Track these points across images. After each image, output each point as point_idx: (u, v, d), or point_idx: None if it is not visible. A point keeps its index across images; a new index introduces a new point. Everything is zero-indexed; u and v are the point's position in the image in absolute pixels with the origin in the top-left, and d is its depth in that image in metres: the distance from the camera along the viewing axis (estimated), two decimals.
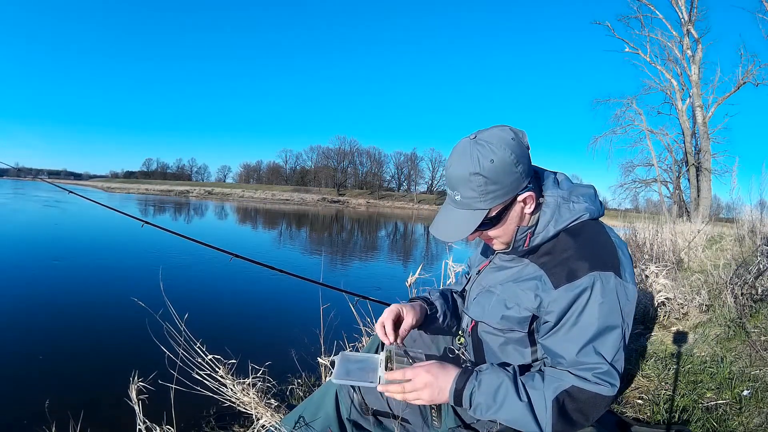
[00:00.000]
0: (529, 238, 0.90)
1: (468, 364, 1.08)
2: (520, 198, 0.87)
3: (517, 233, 0.90)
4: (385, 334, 1.00)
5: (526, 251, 0.92)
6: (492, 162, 0.82)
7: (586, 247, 0.85)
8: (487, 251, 1.11)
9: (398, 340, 1.01)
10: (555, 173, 0.96)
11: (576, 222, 0.89)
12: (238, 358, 1.67)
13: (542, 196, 0.91)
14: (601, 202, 0.94)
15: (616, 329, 0.81)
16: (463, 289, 1.18)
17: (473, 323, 1.01)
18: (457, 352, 1.12)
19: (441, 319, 1.13)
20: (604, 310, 0.81)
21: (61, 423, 1.62)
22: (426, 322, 1.10)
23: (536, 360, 0.93)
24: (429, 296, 1.18)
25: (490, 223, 0.88)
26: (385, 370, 0.97)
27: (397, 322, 1.04)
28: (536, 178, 0.93)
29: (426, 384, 0.85)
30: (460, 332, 1.12)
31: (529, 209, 0.89)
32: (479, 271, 1.08)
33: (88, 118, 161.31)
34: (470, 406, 0.83)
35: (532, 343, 0.92)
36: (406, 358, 1.03)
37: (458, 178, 0.85)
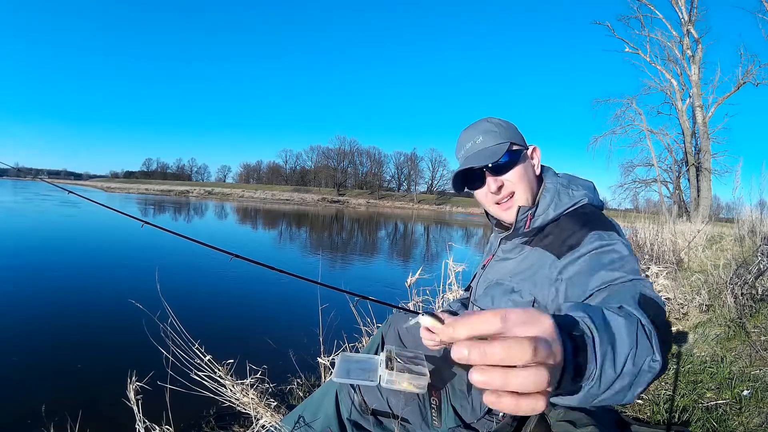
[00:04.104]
0: (530, 220, 0.94)
1: None
2: (528, 151, 0.98)
3: (519, 214, 0.93)
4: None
5: (527, 234, 0.95)
6: (500, 120, 1.00)
7: (585, 220, 0.88)
8: (491, 249, 1.14)
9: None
10: (555, 171, 1.03)
11: (575, 206, 0.92)
12: (238, 359, 1.66)
13: (543, 185, 0.96)
14: (600, 200, 0.96)
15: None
16: (469, 286, 1.20)
17: None
18: None
19: None
20: (623, 250, 0.78)
21: (60, 423, 1.61)
22: None
23: None
24: (450, 308, 1.26)
25: (512, 156, 0.94)
26: (386, 369, 0.97)
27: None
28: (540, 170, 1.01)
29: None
30: None
31: (537, 162, 0.99)
32: (484, 265, 1.10)
33: (89, 117, 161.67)
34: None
35: None
36: (406, 358, 1.03)
37: (478, 129, 0.98)
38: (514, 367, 0.34)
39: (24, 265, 5.61)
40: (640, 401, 1.69)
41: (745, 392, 1.60)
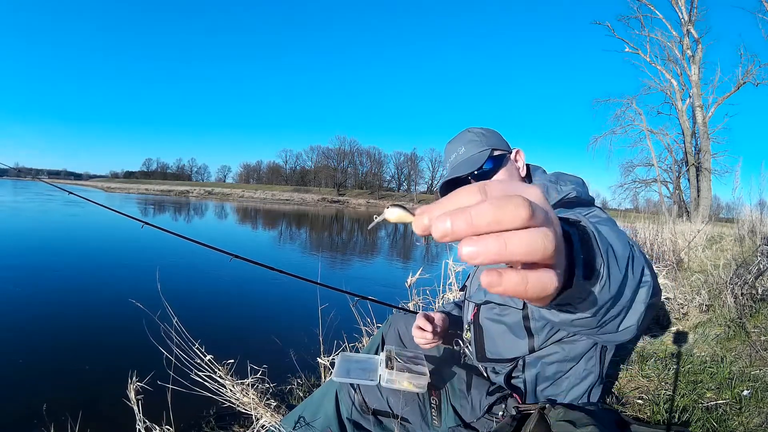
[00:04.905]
0: None
1: (468, 358, 1.12)
2: (511, 155, 1.03)
3: None
4: (424, 329, 1.09)
5: None
6: (482, 128, 1.05)
7: (571, 206, 0.89)
8: None
9: (437, 326, 1.11)
10: (544, 170, 1.07)
11: (563, 199, 0.92)
12: (238, 359, 1.66)
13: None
14: (590, 195, 0.97)
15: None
16: (464, 286, 1.22)
17: (475, 310, 1.04)
18: (462, 346, 1.14)
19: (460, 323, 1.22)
20: (602, 214, 0.77)
21: (61, 423, 1.61)
22: (451, 328, 1.20)
23: (532, 350, 0.95)
24: (444, 308, 1.28)
25: (495, 162, 0.98)
26: (386, 369, 0.97)
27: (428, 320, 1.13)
28: (528, 171, 1.05)
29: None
30: (466, 326, 1.14)
31: (521, 165, 1.04)
32: None
33: (89, 117, 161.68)
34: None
35: (529, 334, 0.94)
36: (406, 358, 1.03)
37: (460, 140, 1.03)
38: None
39: (25, 265, 5.61)
40: (640, 401, 1.70)
41: (745, 392, 1.60)
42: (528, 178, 1.03)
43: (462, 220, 0.25)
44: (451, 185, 1.01)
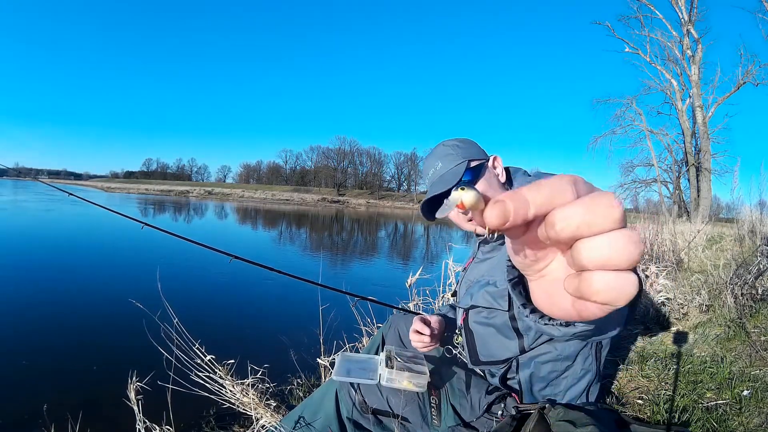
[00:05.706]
0: None
1: (463, 359, 1.12)
2: (489, 163, 1.02)
3: None
4: (421, 332, 1.09)
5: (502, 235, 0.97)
6: (457, 140, 1.05)
7: None
8: (472, 252, 1.19)
9: (434, 329, 1.11)
10: (525, 170, 1.08)
11: None
12: (238, 359, 1.67)
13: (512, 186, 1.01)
14: None
15: None
16: (455, 291, 1.23)
17: (464, 315, 1.04)
18: (455, 351, 1.14)
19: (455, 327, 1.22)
20: None
21: (61, 423, 1.62)
22: (448, 331, 1.21)
23: (523, 350, 0.95)
24: (440, 311, 1.30)
25: (473, 173, 0.98)
26: (386, 368, 0.98)
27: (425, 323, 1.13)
28: (507, 175, 1.05)
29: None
30: (457, 331, 1.15)
31: (500, 171, 1.03)
32: (465, 268, 1.14)
33: (88, 117, 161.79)
34: None
35: (518, 335, 0.94)
36: (406, 358, 1.04)
37: (436, 156, 1.03)
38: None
39: (25, 265, 5.61)
40: (640, 401, 1.69)
41: (745, 392, 1.60)
42: (509, 183, 1.03)
43: (575, 220, 0.22)
44: (432, 203, 1.01)
